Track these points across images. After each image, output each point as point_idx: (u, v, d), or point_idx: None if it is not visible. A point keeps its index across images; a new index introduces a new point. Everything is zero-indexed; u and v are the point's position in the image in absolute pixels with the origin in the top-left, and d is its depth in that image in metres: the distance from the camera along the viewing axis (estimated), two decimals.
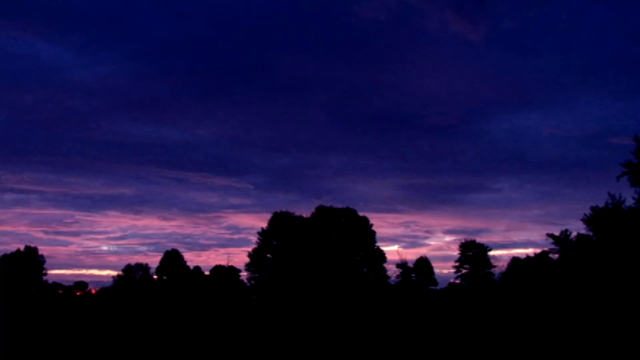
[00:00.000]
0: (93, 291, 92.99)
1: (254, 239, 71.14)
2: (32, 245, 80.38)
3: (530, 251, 76.46)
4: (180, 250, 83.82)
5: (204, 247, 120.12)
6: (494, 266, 67.02)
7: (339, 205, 70.29)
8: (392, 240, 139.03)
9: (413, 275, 70.15)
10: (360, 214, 69.60)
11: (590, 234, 44.80)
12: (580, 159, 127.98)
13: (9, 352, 20.72)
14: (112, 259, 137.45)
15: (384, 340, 25.23)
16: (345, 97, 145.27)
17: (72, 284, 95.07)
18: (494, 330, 28.64)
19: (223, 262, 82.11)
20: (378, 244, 69.29)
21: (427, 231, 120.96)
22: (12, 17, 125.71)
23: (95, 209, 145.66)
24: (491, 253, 68.18)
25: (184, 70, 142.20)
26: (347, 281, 62.59)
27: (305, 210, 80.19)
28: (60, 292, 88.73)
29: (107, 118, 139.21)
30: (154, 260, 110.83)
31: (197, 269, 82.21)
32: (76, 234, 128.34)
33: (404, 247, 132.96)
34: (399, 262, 68.88)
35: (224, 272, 77.72)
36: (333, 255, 64.69)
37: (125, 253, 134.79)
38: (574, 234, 49.22)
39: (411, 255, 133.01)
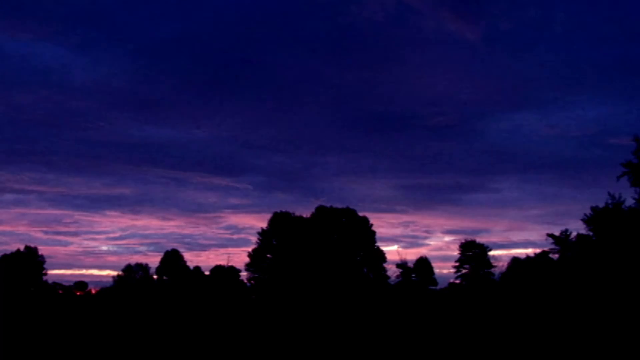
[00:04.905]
0: (93, 291, 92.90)
1: (254, 239, 71.12)
2: (32, 245, 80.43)
3: (530, 251, 76.10)
4: (180, 250, 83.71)
5: (204, 247, 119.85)
6: (494, 266, 66.93)
7: (339, 205, 70.23)
8: (392, 240, 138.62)
9: (413, 275, 70.06)
10: (360, 214, 69.58)
11: (590, 234, 44.74)
12: (580, 159, 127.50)
13: (9, 352, 20.71)
14: (112, 259, 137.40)
15: (384, 340, 25.24)
16: (344, 97, 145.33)
17: (72, 284, 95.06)
18: (494, 330, 28.65)
19: (223, 262, 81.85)
20: (378, 244, 69.25)
21: (426, 231, 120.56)
22: (12, 17, 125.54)
23: (95, 209, 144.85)
24: (491, 253, 68.07)
25: (184, 70, 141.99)
26: (347, 281, 62.57)
27: (305, 210, 79.92)
28: (60, 292, 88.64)
29: (107, 118, 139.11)
30: (153, 260, 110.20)
31: (197, 269, 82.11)
32: (75, 234, 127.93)
33: (404, 247, 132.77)
34: (399, 262, 68.81)
35: (224, 272, 77.62)
36: (333, 256, 64.66)
37: (125, 253, 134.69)
38: (574, 234, 49.15)
39: (411, 255, 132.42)
